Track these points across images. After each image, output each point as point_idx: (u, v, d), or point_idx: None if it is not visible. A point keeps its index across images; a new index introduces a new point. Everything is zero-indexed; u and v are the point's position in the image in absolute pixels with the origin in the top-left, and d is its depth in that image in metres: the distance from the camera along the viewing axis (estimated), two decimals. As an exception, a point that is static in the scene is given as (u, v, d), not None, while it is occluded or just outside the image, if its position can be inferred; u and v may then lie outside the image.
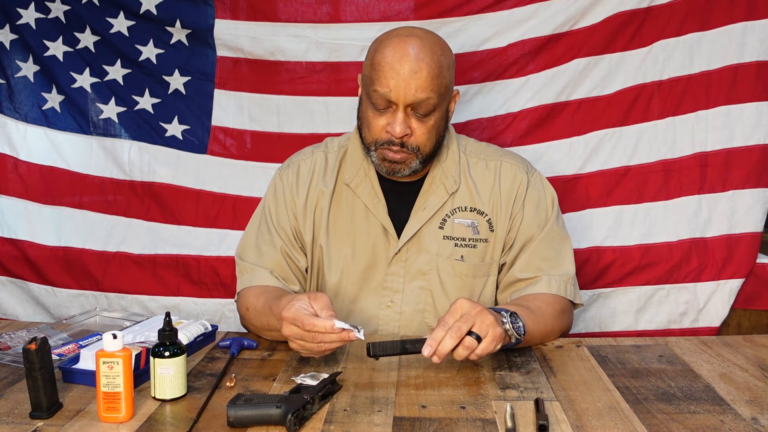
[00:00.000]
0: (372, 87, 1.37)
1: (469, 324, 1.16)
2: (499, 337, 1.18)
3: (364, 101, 1.43)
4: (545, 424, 1.00)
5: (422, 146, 1.40)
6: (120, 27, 1.97)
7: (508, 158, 1.55)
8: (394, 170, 1.43)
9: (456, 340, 1.15)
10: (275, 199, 1.55)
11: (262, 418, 1.02)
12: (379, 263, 1.50)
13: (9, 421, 1.05)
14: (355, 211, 1.51)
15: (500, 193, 1.51)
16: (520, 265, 1.49)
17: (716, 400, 1.13)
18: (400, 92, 1.34)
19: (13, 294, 2.04)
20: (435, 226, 1.49)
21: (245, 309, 1.45)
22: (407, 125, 1.37)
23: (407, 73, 1.33)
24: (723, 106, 1.86)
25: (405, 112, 1.36)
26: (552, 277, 1.45)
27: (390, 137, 1.38)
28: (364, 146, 1.45)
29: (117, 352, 1.05)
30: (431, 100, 1.36)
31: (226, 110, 2.01)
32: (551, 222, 1.51)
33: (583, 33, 1.88)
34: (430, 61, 1.35)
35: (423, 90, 1.34)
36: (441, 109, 1.41)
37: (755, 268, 1.88)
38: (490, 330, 1.17)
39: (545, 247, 1.49)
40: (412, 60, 1.34)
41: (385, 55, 1.35)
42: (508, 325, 1.24)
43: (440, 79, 1.36)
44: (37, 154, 2.02)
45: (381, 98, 1.36)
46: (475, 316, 1.17)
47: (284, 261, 1.50)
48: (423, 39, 1.37)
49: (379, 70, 1.35)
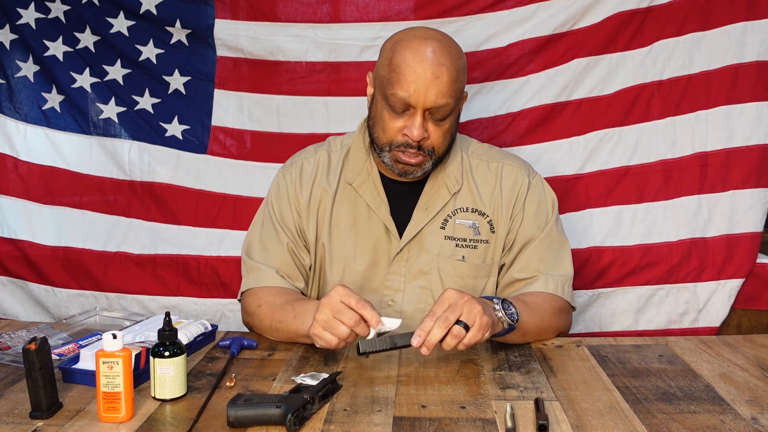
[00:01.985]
0: (390, 90, 1.36)
1: (457, 313, 1.17)
2: (487, 326, 1.19)
3: (379, 102, 1.41)
4: (545, 424, 1.00)
5: (437, 148, 1.41)
6: (120, 27, 1.97)
7: (510, 160, 1.56)
8: (407, 172, 1.43)
9: (444, 330, 1.16)
10: (279, 197, 1.55)
11: (262, 418, 1.02)
12: (381, 262, 1.50)
13: (9, 421, 1.05)
14: (358, 210, 1.51)
15: (501, 194, 1.51)
16: (518, 265, 1.49)
17: (716, 400, 1.13)
18: (420, 97, 1.33)
19: (13, 294, 2.04)
20: (436, 226, 1.49)
21: (257, 305, 1.44)
22: (425, 129, 1.37)
23: (429, 77, 1.32)
24: (723, 106, 1.86)
25: (423, 116, 1.36)
26: (549, 277, 1.46)
27: (407, 140, 1.38)
28: (377, 147, 1.44)
29: (117, 352, 1.05)
30: (449, 105, 1.36)
31: (226, 110, 2.01)
32: (551, 224, 1.52)
33: (583, 33, 1.88)
34: (450, 65, 1.34)
35: (443, 96, 1.34)
36: (456, 112, 1.41)
37: (755, 268, 1.88)
38: (477, 318, 1.18)
39: (544, 248, 1.49)
40: (434, 65, 1.33)
41: (406, 58, 1.34)
42: (500, 313, 1.25)
43: (458, 83, 1.36)
44: (37, 154, 2.03)
45: (400, 102, 1.35)
46: (462, 305, 1.18)
47: (290, 258, 1.51)
48: (442, 42, 1.37)
49: (399, 72, 1.34)
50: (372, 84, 1.47)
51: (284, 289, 1.46)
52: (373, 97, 1.45)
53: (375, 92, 1.44)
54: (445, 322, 1.16)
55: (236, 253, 1.97)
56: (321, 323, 1.21)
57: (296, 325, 1.33)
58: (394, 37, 1.42)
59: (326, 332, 1.20)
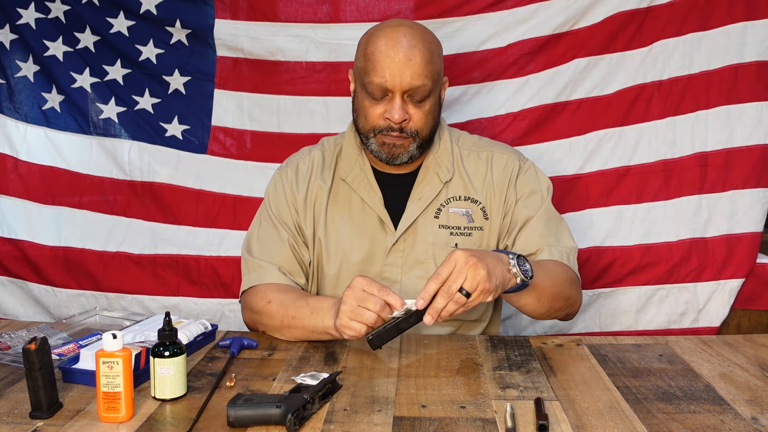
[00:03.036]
0: (367, 78, 1.40)
1: (461, 280, 1.18)
2: (489, 291, 1.20)
3: (359, 93, 1.46)
4: (545, 423, 1.00)
5: (420, 130, 1.44)
6: (120, 27, 1.97)
7: (500, 149, 1.58)
8: (394, 154, 1.45)
9: (447, 300, 1.18)
10: (276, 196, 1.57)
11: (262, 417, 1.02)
12: (377, 254, 1.52)
13: (9, 421, 1.05)
14: (352, 204, 1.53)
15: (493, 180, 1.53)
16: (519, 243, 1.49)
17: (716, 399, 1.13)
18: (396, 80, 1.37)
19: (13, 294, 2.04)
20: (430, 215, 1.51)
21: (266, 302, 1.43)
22: (405, 111, 1.40)
23: (402, 60, 1.37)
24: (723, 106, 1.86)
25: (402, 99, 1.40)
26: (554, 248, 1.47)
27: (389, 123, 1.41)
28: (362, 135, 1.48)
29: (117, 351, 1.05)
30: (426, 86, 1.39)
31: (226, 110, 2.01)
32: (546, 203, 1.53)
33: (583, 33, 1.88)
34: (423, 47, 1.39)
35: (418, 77, 1.38)
36: (435, 95, 1.45)
37: (755, 268, 1.88)
38: (480, 284, 1.18)
39: (543, 225, 1.50)
40: (406, 48, 1.37)
41: (379, 46, 1.39)
42: (514, 268, 1.25)
43: (432, 65, 1.40)
44: (37, 154, 2.03)
45: (377, 88, 1.39)
46: (467, 269, 1.18)
47: (292, 254, 1.52)
48: (413, 28, 1.42)
49: (374, 60, 1.38)
50: (353, 80, 1.50)
51: (289, 286, 1.47)
52: (355, 91, 1.49)
53: (356, 86, 1.48)
54: (448, 292, 1.18)
55: (236, 253, 1.96)
56: (347, 313, 1.23)
57: (313, 321, 1.34)
58: (369, 30, 1.47)
59: (354, 321, 1.23)
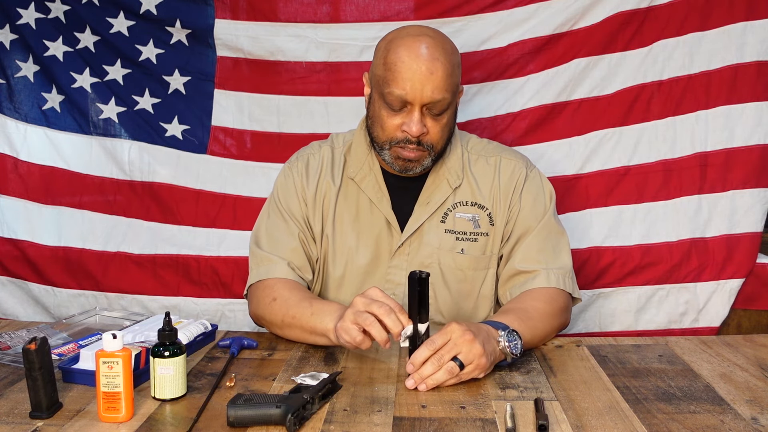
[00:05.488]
0: (386, 88, 1.37)
1: (455, 351, 1.16)
2: (484, 368, 1.18)
3: (377, 101, 1.43)
4: (545, 424, 1.00)
5: (436, 144, 1.42)
6: (120, 27, 1.97)
7: (508, 154, 1.57)
8: (408, 168, 1.45)
9: (437, 368, 1.16)
10: (286, 189, 1.55)
11: (262, 418, 1.02)
12: (383, 256, 1.51)
13: (9, 421, 1.05)
14: (360, 204, 1.53)
15: (500, 186, 1.52)
16: (519, 256, 1.49)
17: (716, 399, 1.13)
18: (417, 93, 1.35)
19: (13, 294, 2.04)
20: (437, 220, 1.51)
21: (271, 299, 1.42)
22: (423, 124, 1.38)
23: (424, 74, 1.34)
24: (723, 106, 1.86)
25: (421, 112, 1.38)
26: (550, 271, 1.45)
27: (406, 135, 1.40)
28: (377, 145, 1.46)
29: (117, 351, 1.05)
30: (446, 100, 1.37)
31: (226, 110, 2.01)
32: (548, 215, 1.52)
33: (583, 33, 1.88)
34: (444, 60, 1.36)
35: (439, 91, 1.35)
36: (453, 107, 1.43)
37: (755, 268, 1.88)
38: (475, 360, 1.16)
39: (543, 239, 1.50)
40: (428, 60, 1.35)
41: (400, 56, 1.36)
42: (504, 345, 1.23)
43: (453, 77, 1.38)
44: (37, 154, 2.02)
45: (397, 99, 1.37)
46: (462, 343, 1.17)
47: (301, 248, 1.50)
48: (434, 38, 1.39)
49: (394, 71, 1.36)
50: (368, 84, 1.49)
51: (298, 284, 1.45)
52: (370, 96, 1.47)
53: (372, 92, 1.46)
54: (440, 361, 1.16)
55: (236, 253, 1.97)
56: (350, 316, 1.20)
57: (313, 322, 1.32)
58: (388, 36, 1.44)
59: (353, 326, 1.19)
